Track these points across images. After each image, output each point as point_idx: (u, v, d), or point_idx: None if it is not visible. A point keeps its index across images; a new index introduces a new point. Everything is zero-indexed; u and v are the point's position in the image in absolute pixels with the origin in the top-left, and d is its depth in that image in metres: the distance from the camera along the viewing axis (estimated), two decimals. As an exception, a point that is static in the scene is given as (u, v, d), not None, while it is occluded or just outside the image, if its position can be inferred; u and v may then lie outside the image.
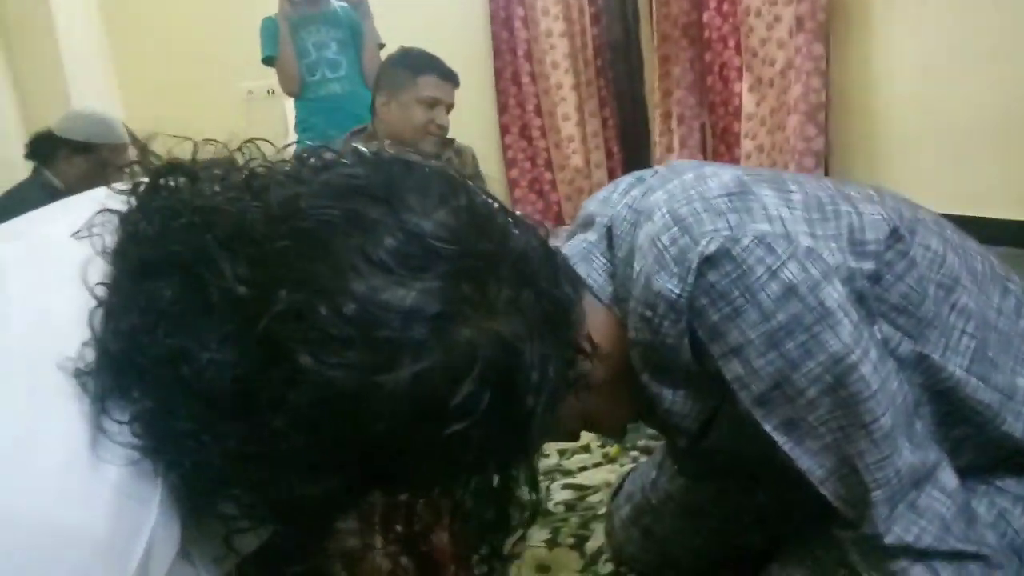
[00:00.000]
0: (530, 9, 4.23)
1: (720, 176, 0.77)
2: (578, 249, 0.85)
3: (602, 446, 1.54)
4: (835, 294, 0.70)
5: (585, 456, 1.51)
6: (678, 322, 0.73)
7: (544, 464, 1.48)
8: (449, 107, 2.12)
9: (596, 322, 0.81)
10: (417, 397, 0.41)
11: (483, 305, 0.43)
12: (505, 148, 4.37)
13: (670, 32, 3.89)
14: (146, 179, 0.47)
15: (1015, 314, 0.82)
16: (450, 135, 2.21)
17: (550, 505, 1.33)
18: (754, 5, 3.38)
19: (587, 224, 0.87)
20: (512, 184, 4.28)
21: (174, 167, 0.47)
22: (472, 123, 3.86)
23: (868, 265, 0.75)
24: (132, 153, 2.24)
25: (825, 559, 0.83)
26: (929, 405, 0.78)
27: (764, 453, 0.79)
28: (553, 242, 0.84)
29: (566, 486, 1.40)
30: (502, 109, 4.38)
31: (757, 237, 0.70)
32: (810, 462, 0.73)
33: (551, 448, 1.55)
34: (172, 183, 0.46)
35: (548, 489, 1.39)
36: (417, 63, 2.14)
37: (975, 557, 0.72)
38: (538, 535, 1.23)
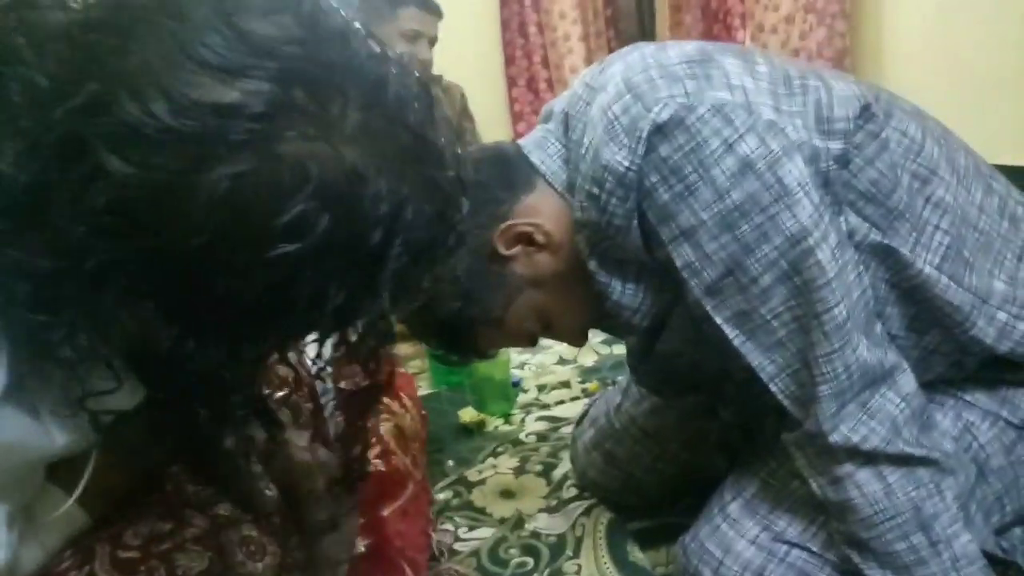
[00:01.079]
0: (537, -43, 4.12)
1: (682, 45, 0.72)
2: (535, 138, 0.81)
3: (582, 382, 1.51)
4: (795, 171, 0.65)
5: (564, 391, 1.48)
6: (626, 200, 0.68)
7: (522, 399, 1.46)
8: (432, 40, 2.04)
9: (549, 210, 0.78)
10: (238, 207, 0.38)
11: (322, 121, 0.40)
12: (512, 100, 4.29)
13: (680, -22, 3.77)
14: None
15: (998, 214, 0.76)
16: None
17: (522, 436, 1.31)
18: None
19: (547, 117, 0.83)
20: (520, 136, 4.22)
21: None
22: (478, 75, 3.79)
23: (835, 145, 0.69)
24: None
25: (779, 471, 0.80)
26: (897, 306, 0.74)
27: (721, 359, 0.76)
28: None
29: (540, 418, 1.37)
30: (509, 60, 4.29)
31: (715, 106, 0.65)
32: (761, 357, 0.70)
33: (530, 383, 1.53)
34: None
35: (523, 421, 1.37)
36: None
37: (924, 461, 0.69)
38: (507, 463, 1.21)
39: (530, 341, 0.86)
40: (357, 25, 0.44)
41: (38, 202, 0.38)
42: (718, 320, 0.69)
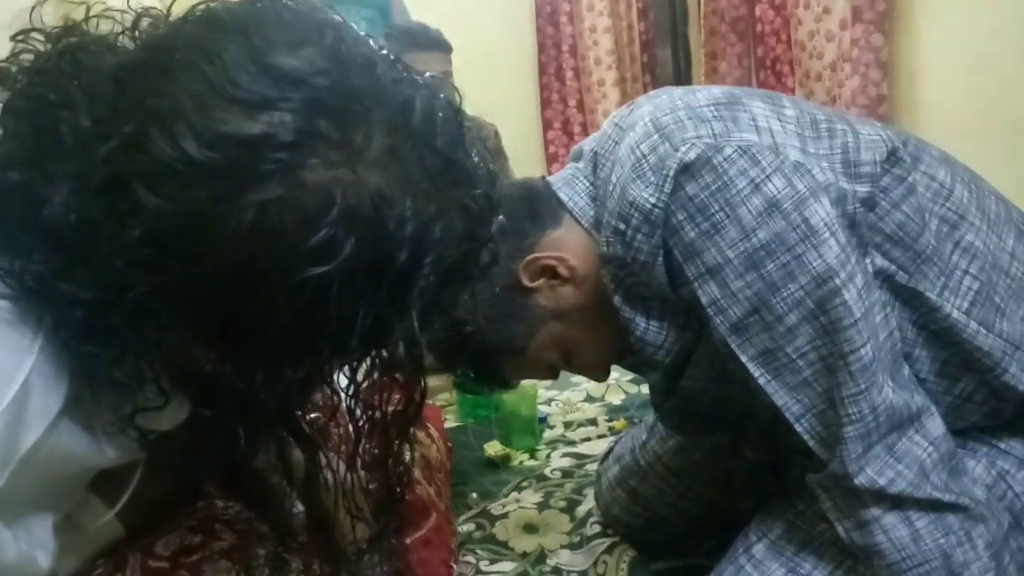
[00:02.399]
0: (576, 4, 4.22)
1: (711, 89, 0.74)
2: (564, 175, 0.83)
3: (608, 420, 1.50)
4: (822, 212, 0.66)
5: (591, 429, 1.48)
6: (652, 236, 0.69)
7: (548, 435, 1.46)
8: (443, 76, 2.06)
9: (574, 245, 0.79)
10: (265, 234, 0.40)
11: (346, 147, 0.42)
12: (547, 143, 4.35)
13: (717, 27, 3.84)
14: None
15: None
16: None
17: (547, 471, 1.30)
18: (803, -3, 3.29)
19: (577, 156, 0.85)
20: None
21: (67, 30, 0.47)
22: (514, 118, 3.86)
23: (862, 188, 0.70)
24: None
25: (806, 513, 0.78)
26: (926, 349, 0.73)
27: (746, 398, 0.76)
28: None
29: (566, 454, 1.37)
30: (545, 104, 4.37)
31: (741, 147, 0.66)
32: (787, 397, 0.69)
33: (557, 419, 1.53)
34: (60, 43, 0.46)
35: (548, 456, 1.37)
36: (400, 40, 2.06)
37: (954, 508, 0.68)
38: (531, 497, 1.21)
39: (551, 373, 0.87)
40: (384, 51, 0.46)
41: (85, 239, 0.41)
42: (743, 359, 0.69)
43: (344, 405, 0.82)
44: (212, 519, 0.62)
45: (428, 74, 0.49)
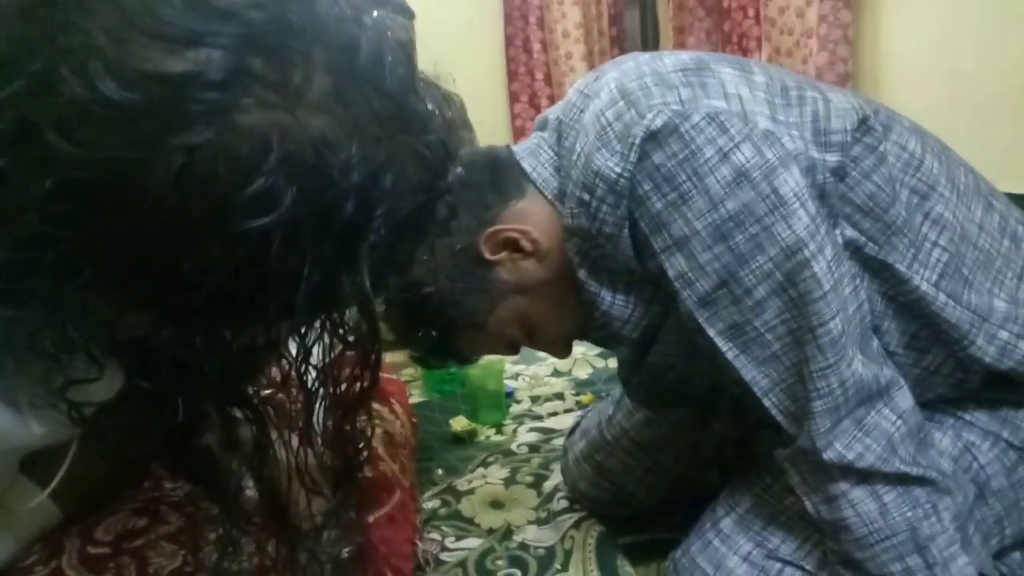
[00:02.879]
0: (543, -26, 4.15)
1: (679, 54, 0.71)
2: (528, 145, 0.80)
3: (576, 394, 1.49)
4: (792, 182, 0.64)
5: (558, 403, 1.46)
6: (617, 207, 0.67)
7: (515, 409, 1.44)
8: (407, 44, 2.00)
9: (538, 217, 0.77)
10: (195, 183, 0.36)
11: (284, 88, 0.38)
12: (514, 116, 4.31)
13: (685, 1, 3.81)
14: None
15: (999, 232, 0.75)
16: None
17: (513, 446, 1.28)
18: (772, -29, 3.28)
19: (543, 125, 0.83)
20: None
21: None
22: (482, 90, 3.80)
23: (832, 158, 0.68)
24: None
25: (774, 486, 0.78)
26: (895, 321, 0.72)
27: (714, 373, 0.74)
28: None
29: (533, 429, 1.35)
30: (512, 77, 4.32)
31: (709, 114, 0.64)
32: (755, 371, 0.68)
33: (524, 394, 1.51)
34: None
35: (515, 431, 1.35)
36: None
37: (921, 481, 0.67)
38: (497, 473, 1.19)
39: (512, 349, 0.85)
40: None
41: None
42: (711, 333, 0.68)
43: (295, 374, 0.79)
44: (158, 501, 0.59)
45: (376, 13, 0.45)
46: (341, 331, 0.47)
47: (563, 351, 0.86)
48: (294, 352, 0.50)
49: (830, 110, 0.70)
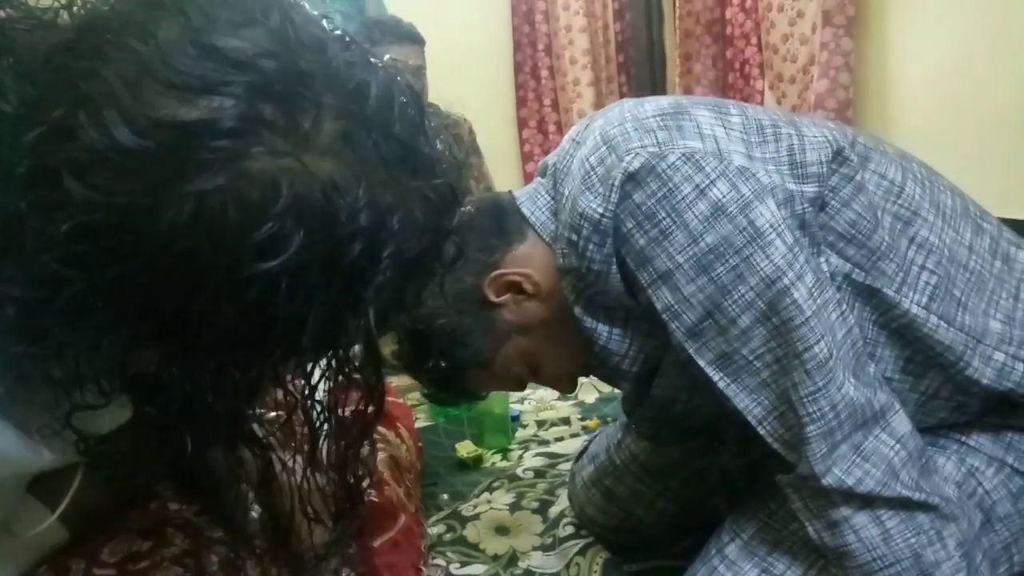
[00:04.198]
0: (551, 3, 4.22)
1: (659, 100, 0.75)
2: (528, 190, 0.84)
3: (582, 419, 1.49)
4: (767, 214, 0.67)
5: (564, 428, 1.46)
6: (603, 246, 0.70)
7: (521, 434, 1.44)
8: (416, 71, 1.96)
9: (538, 260, 0.80)
10: (205, 228, 0.37)
11: (294, 134, 0.39)
12: (522, 142, 4.35)
13: (692, 29, 3.85)
14: None
15: (990, 253, 0.76)
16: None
17: (519, 471, 1.28)
18: (776, 0, 3.33)
19: (543, 171, 0.86)
20: (528, 178, 4.26)
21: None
22: (490, 116, 3.84)
23: (810, 188, 0.71)
24: None
25: (779, 512, 0.77)
26: (888, 347, 0.73)
27: (718, 404, 0.75)
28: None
29: (539, 454, 1.35)
30: (520, 103, 4.37)
31: (685, 154, 0.67)
32: (747, 400, 0.69)
33: (530, 418, 1.51)
34: None
35: (520, 456, 1.35)
36: (372, 34, 1.99)
37: (924, 506, 0.67)
38: (502, 498, 1.19)
39: (518, 385, 0.88)
40: (338, 32, 0.43)
41: (11, 234, 0.37)
42: (701, 363, 0.69)
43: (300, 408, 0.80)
44: (164, 523, 0.59)
45: (387, 57, 0.47)
46: (346, 368, 0.47)
47: (568, 387, 0.89)
48: (301, 387, 0.51)
49: (804, 144, 0.72)
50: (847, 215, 0.71)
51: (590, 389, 1.62)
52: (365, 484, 0.96)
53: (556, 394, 1.62)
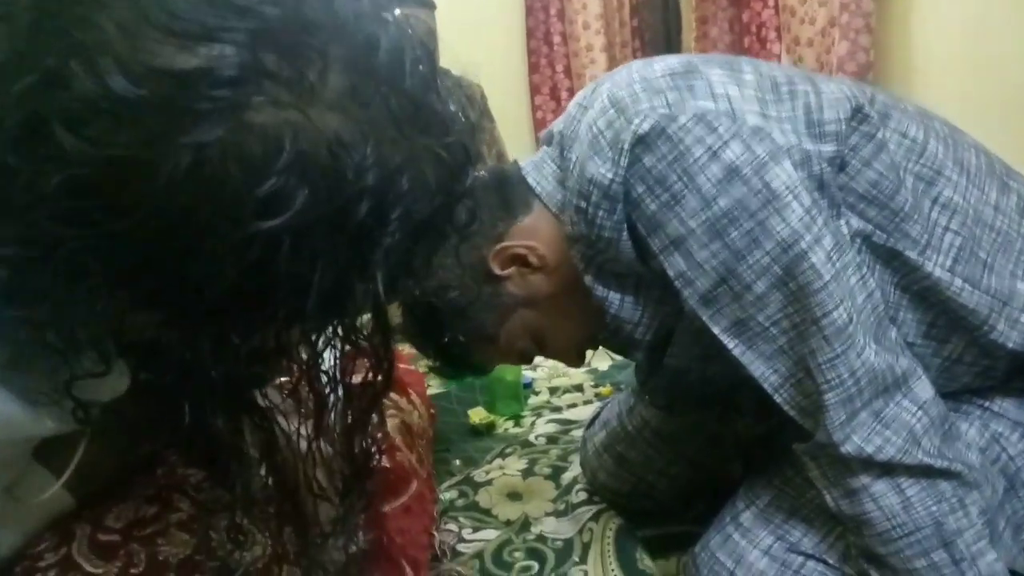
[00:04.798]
0: (564, -34, 4.13)
1: (667, 59, 0.72)
2: (534, 160, 0.82)
3: (595, 385, 1.48)
4: (783, 175, 0.64)
5: (577, 395, 1.45)
6: (613, 212, 0.68)
7: (533, 400, 1.44)
8: (425, 33, 1.99)
9: (544, 231, 0.78)
10: (204, 183, 0.35)
11: (298, 86, 0.37)
12: (535, 108, 4.30)
13: (708, -10, 3.76)
14: None
15: (1017, 213, 0.73)
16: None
17: (531, 437, 1.28)
18: (795, -40, 3.23)
19: (549, 139, 0.83)
20: (540, 143, 4.23)
21: None
22: (502, 82, 3.79)
23: (828, 148, 0.68)
24: None
25: (795, 479, 0.76)
26: (910, 311, 0.71)
27: (733, 371, 0.73)
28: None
29: (551, 420, 1.34)
30: (533, 68, 4.31)
31: (697, 115, 0.64)
32: (763, 367, 0.67)
33: (542, 385, 1.50)
34: None
35: (533, 423, 1.34)
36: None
37: (946, 474, 0.65)
38: (515, 464, 1.18)
39: (524, 359, 0.87)
40: None
41: (1, 188, 0.36)
42: (716, 330, 0.67)
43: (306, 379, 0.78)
44: (170, 488, 0.58)
45: (398, 11, 0.44)
46: (353, 337, 0.45)
47: (575, 360, 0.87)
48: (306, 356, 0.49)
49: (822, 101, 0.69)
50: (868, 175, 0.68)
51: (603, 356, 1.61)
52: (374, 457, 0.96)
53: (569, 361, 1.61)
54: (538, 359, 1.60)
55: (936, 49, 2.76)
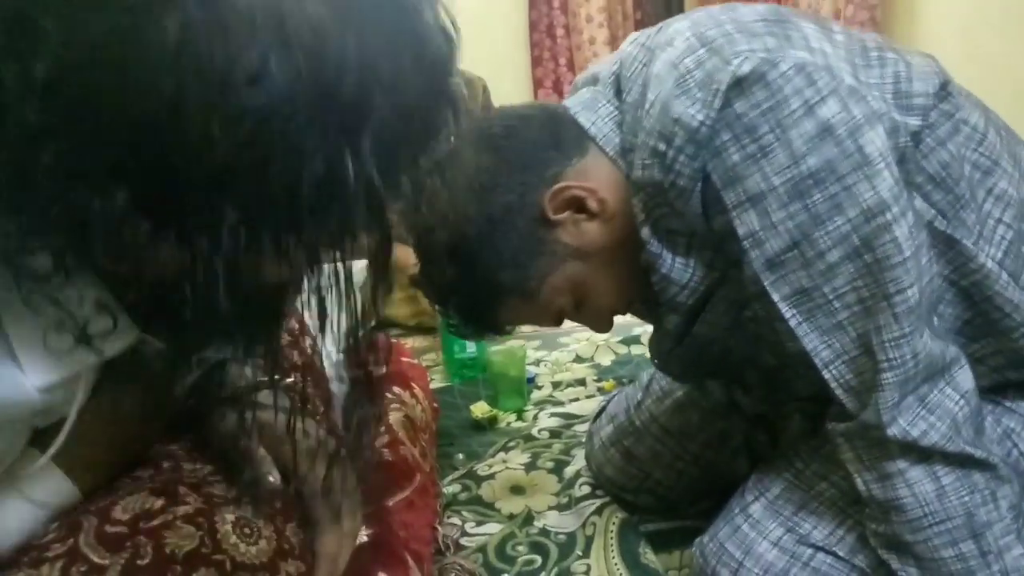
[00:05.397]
0: (567, -42, 4.11)
1: (755, 6, 0.68)
2: (582, 99, 0.76)
3: (597, 380, 1.47)
4: (878, 141, 0.61)
5: (580, 389, 1.45)
6: (695, 158, 0.63)
7: (536, 395, 1.43)
8: None
9: (600, 176, 0.73)
10: (190, 56, 0.35)
11: None
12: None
13: (711, -17, 3.74)
14: None
15: None
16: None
17: (534, 432, 1.27)
18: (800, -45, 3.22)
19: (593, 80, 0.78)
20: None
21: None
22: (505, 75, 3.78)
23: (913, 121, 0.66)
24: None
25: (805, 472, 0.76)
26: (952, 306, 0.69)
27: (754, 347, 0.72)
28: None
29: (554, 415, 1.34)
30: (536, 62, 4.29)
31: (798, 64, 0.61)
32: (817, 341, 0.65)
33: (545, 380, 1.49)
34: None
35: (535, 417, 1.33)
36: None
37: (982, 465, 0.64)
38: (518, 458, 1.18)
39: (556, 320, 0.80)
40: None
41: None
42: (775, 297, 0.64)
43: (319, 360, 0.77)
44: (177, 482, 0.58)
45: None
46: (350, 228, 0.43)
47: (607, 325, 0.81)
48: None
49: (912, 72, 0.67)
50: (941, 155, 0.66)
51: (606, 351, 1.61)
52: (377, 444, 0.95)
53: (572, 356, 1.60)
54: (541, 355, 1.60)
55: (942, 41, 2.75)
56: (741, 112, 0.61)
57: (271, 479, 0.65)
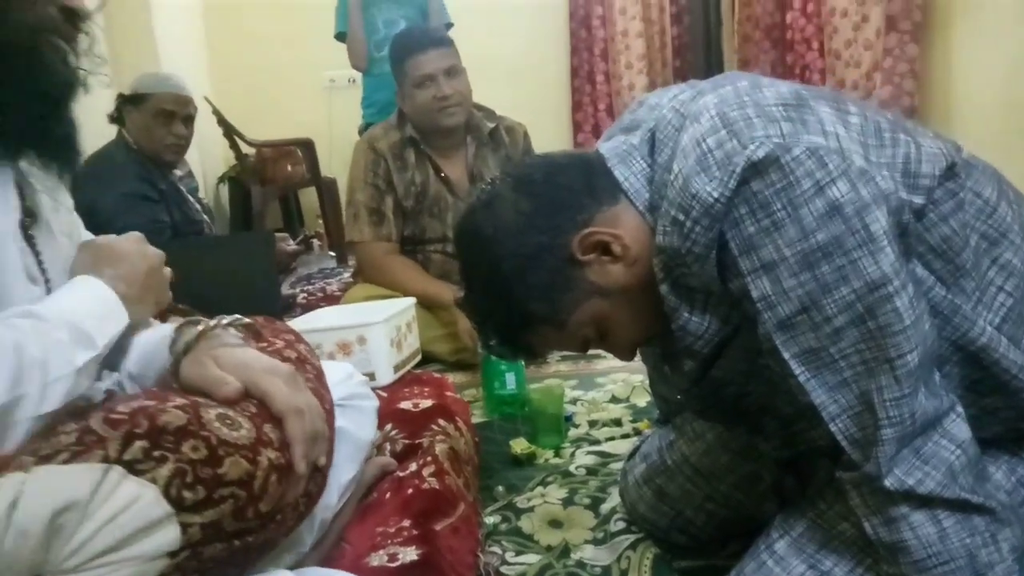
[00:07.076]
0: (608, 8, 4.24)
1: (777, 87, 0.75)
2: (618, 150, 0.83)
3: (633, 420, 1.52)
4: (882, 220, 0.67)
5: (616, 429, 1.49)
6: (710, 229, 0.70)
7: (573, 433, 1.48)
8: (448, 71, 2.02)
9: (629, 225, 0.80)
10: None
11: None
12: (576, 146, 4.39)
13: (751, 33, 3.82)
14: None
15: None
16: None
17: (572, 468, 1.32)
18: (840, 5, 3.28)
19: (631, 128, 0.85)
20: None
21: None
22: (546, 120, 3.89)
23: (918, 199, 0.72)
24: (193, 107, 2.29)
25: (828, 512, 0.80)
26: (959, 367, 0.74)
27: (769, 394, 0.77)
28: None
29: (591, 452, 1.39)
30: (576, 107, 4.40)
31: (810, 148, 0.67)
32: (824, 396, 0.70)
33: (582, 418, 1.55)
34: None
35: (573, 454, 1.39)
36: (399, 50, 2.09)
37: (981, 509, 0.69)
38: (556, 493, 1.23)
39: (583, 347, 0.88)
40: None
41: None
42: (786, 355, 0.70)
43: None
44: (165, 396, 0.67)
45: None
46: None
47: (629, 355, 0.89)
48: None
49: (921, 154, 0.73)
50: (942, 229, 0.72)
51: (642, 392, 1.65)
52: (425, 473, 1.00)
53: (608, 396, 1.66)
54: (578, 394, 1.64)
55: (977, 94, 2.77)
56: (757, 190, 0.68)
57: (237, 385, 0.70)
